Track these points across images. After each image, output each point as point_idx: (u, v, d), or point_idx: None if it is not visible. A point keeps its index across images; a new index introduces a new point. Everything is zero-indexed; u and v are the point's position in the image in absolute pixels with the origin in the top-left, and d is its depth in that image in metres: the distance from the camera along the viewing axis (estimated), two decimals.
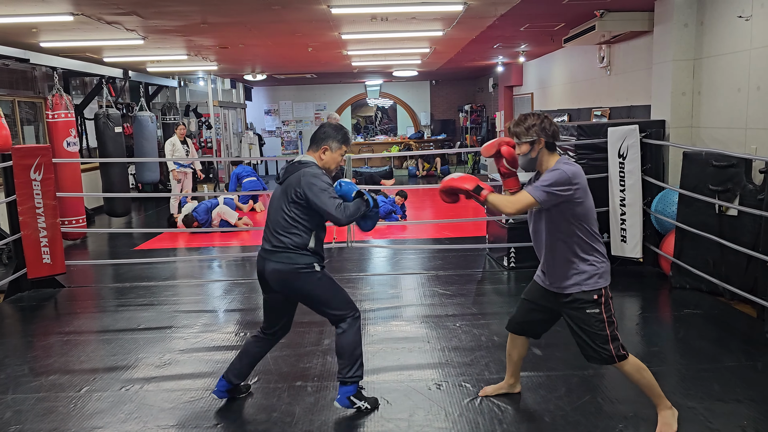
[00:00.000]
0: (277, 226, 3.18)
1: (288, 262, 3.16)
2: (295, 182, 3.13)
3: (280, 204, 3.17)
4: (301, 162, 3.22)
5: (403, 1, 5.74)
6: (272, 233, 3.20)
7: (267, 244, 3.23)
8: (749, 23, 5.07)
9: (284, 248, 3.16)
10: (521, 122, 2.97)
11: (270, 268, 3.20)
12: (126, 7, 5.67)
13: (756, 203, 4.58)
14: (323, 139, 3.25)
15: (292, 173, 3.17)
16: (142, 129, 10.64)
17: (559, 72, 10.47)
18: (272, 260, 3.19)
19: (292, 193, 3.12)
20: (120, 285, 6.14)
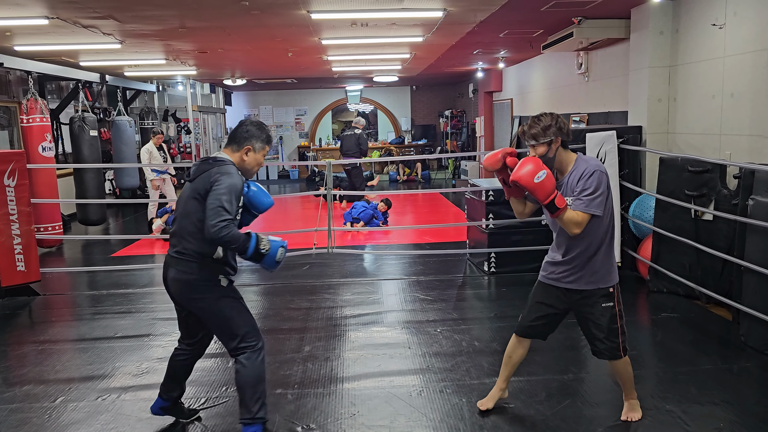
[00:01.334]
0: (183, 230, 2.85)
1: (188, 272, 2.84)
2: (207, 181, 2.80)
3: (189, 205, 2.84)
4: (217, 159, 2.89)
5: (383, 7, 5.75)
6: (179, 237, 2.87)
7: (172, 249, 2.90)
8: (723, 31, 5.16)
9: (188, 256, 2.84)
10: (537, 123, 2.95)
11: (171, 276, 2.90)
12: (102, 11, 5.61)
13: (730, 208, 4.66)
14: (246, 138, 2.93)
15: (205, 171, 2.84)
16: (120, 134, 10.52)
17: (538, 78, 10.57)
18: (174, 267, 2.88)
19: (202, 192, 2.79)
20: (97, 292, 6.04)
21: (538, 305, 3.16)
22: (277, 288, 6.00)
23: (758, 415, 3.25)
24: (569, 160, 2.98)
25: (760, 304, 4.05)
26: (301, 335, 4.61)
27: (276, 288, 6.00)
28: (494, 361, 4.02)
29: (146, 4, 5.41)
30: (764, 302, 4.02)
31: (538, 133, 2.92)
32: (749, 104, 4.88)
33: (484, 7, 5.94)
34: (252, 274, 6.68)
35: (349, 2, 5.49)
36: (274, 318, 5.09)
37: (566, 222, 2.89)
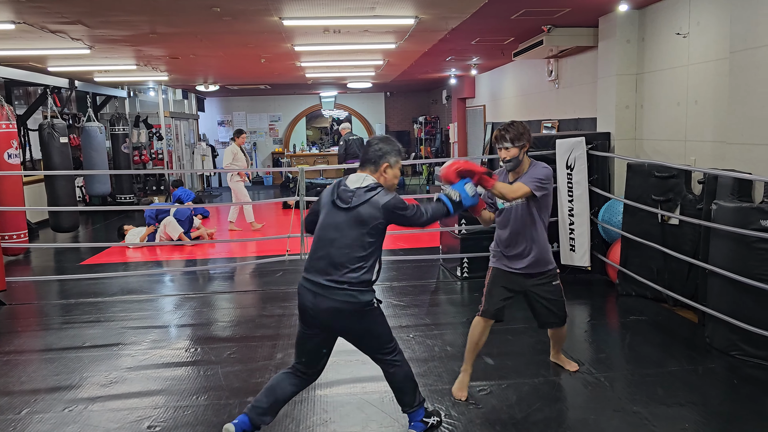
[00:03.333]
0: (343, 259, 2.81)
1: (352, 301, 2.83)
2: (373, 211, 2.80)
3: (350, 234, 2.81)
4: (370, 187, 2.85)
5: (356, 14, 5.77)
6: (334, 267, 2.81)
7: (322, 278, 2.83)
8: (687, 40, 5.30)
9: (348, 285, 2.81)
10: (514, 129, 3.39)
11: (326, 305, 2.83)
12: (71, 15, 5.53)
13: (695, 213, 4.76)
14: (381, 156, 2.92)
15: (366, 201, 2.81)
16: (91, 140, 10.38)
17: (509, 85, 10.70)
18: (330, 297, 2.82)
19: (369, 220, 2.80)
20: (65, 301, 5.93)
21: (502, 289, 3.54)
22: (250, 295, 5.96)
23: (722, 415, 3.32)
24: (527, 163, 3.50)
25: (724, 306, 4.15)
26: (273, 342, 4.59)
27: (248, 295, 5.96)
28: None
29: (116, 9, 5.35)
30: (728, 304, 4.12)
31: (515, 137, 3.37)
32: (712, 111, 5.01)
33: (456, 14, 6.00)
34: (224, 281, 6.63)
35: (322, 9, 5.50)
36: (246, 325, 5.05)
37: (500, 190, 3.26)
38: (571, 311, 5.29)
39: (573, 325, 5.09)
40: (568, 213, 5.95)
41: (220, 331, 5.00)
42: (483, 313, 3.56)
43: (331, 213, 2.88)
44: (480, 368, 4.02)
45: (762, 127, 4.19)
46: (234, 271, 7.00)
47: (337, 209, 2.87)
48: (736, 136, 4.45)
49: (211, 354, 4.43)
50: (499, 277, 3.57)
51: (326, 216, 2.91)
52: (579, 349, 4.44)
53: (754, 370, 3.88)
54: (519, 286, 3.55)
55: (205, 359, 4.34)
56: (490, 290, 3.57)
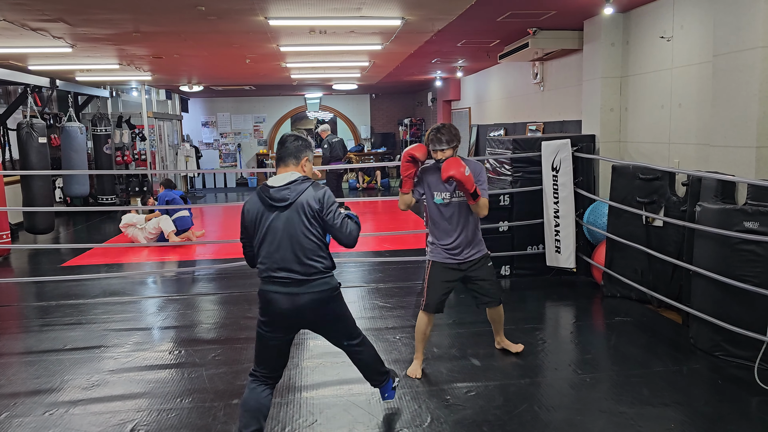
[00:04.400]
0: (304, 251, 2.87)
1: (326, 288, 2.93)
2: (310, 198, 2.87)
3: (299, 228, 2.86)
4: (299, 180, 2.91)
5: (342, 15, 5.75)
6: (298, 261, 2.86)
7: (293, 275, 2.87)
8: (670, 43, 5.34)
9: (318, 273, 2.91)
10: (447, 132, 3.68)
11: (307, 299, 2.88)
12: (52, 13, 5.45)
13: (679, 214, 4.80)
14: (300, 151, 2.98)
15: (300, 193, 2.87)
16: (71, 140, 10.24)
17: (495, 87, 10.74)
18: (307, 291, 2.88)
19: (309, 213, 2.87)
20: (45, 303, 5.84)
21: (443, 284, 3.83)
22: (234, 297, 5.90)
23: (707, 415, 3.35)
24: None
25: (708, 307, 4.18)
26: None
27: (233, 297, 5.91)
28: (453, 367, 4.04)
29: (98, 7, 5.28)
30: (712, 305, 4.16)
31: (450, 140, 3.67)
32: (696, 114, 5.06)
33: (442, 16, 6.01)
34: (208, 282, 6.57)
35: (308, 9, 5.47)
36: (231, 327, 5.00)
37: (481, 206, 3.68)
38: (556, 313, 5.37)
39: (558, 326, 5.11)
40: (553, 215, 5.97)
41: (205, 333, 4.94)
42: (426, 308, 3.84)
43: (270, 217, 2.88)
44: (467, 370, 4.02)
45: (745, 129, 4.24)
46: (219, 272, 6.94)
47: (276, 210, 2.87)
48: (720, 138, 4.49)
49: (195, 356, 4.37)
50: (438, 272, 3.82)
51: (265, 221, 2.88)
52: (565, 350, 4.45)
53: (738, 370, 3.91)
54: (457, 276, 3.84)
55: (190, 361, 4.28)
56: (431, 285, 3.83)
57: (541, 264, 6.19)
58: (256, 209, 2.91)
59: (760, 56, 4.09)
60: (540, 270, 6.22)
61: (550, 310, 5.44)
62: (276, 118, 17.92)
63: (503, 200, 6.21)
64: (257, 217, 2.90)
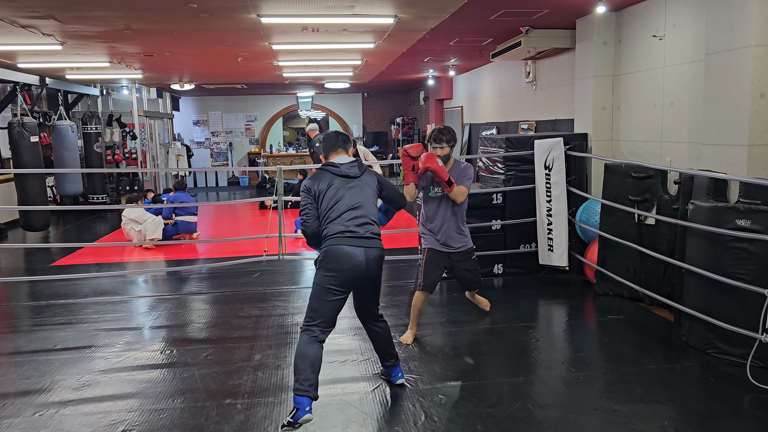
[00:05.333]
0: (371, 216, 3.41)
1: (383, 248, 3.44)
2: (370, 178, 3.50)
3: (367, 196, 3.43)
4: (358, 162, 3.50)
5: (334, 13, 5.73)
6: (369, 222, 3.38)
7: (365, 233, 3.34)
8: (662, 42, 5.36)
9: (378, 236, 3.43)
10: (447, 132, 4.33)
11: (374, 254, 3.36)
12: (42, 10, 5.40)
13: (671, 212, 4.82)
14: (347, 142, 3.60)
15: (364, 170, 3.50)
16: (62, 139, 10.15)
17: (487, 86, 10.75)
18: (375, 247, 3.36)
19: (375, 185, 3.50)
20: (35, 303, 5.78)
21: (438, 268, 4.45)
22: (227, 296, 5.87)
23: (700, 413, 3.35)
24: (452, 159, 4.40)
25: (700, 304, 4.19)
26: (251, 344, 4.52)
27: (225, 296, 5.88)
28: (447, 366, 4.04)
29: (89, 4, 5.23)
30: (704, 303, 4.17)
31: (449, 139, 4.30)
32: (688, 113, 5.07)
33: (435, 14, 6.00)
34: (200, 282, 6.53)
35: (300, 7, 5.45)
36: (223, 327, 4.97)
37: (456, 192, 4.24)
38: (549, 311, 5.38)
39: (551, 324, 5.12)
40: (546, 213, 5.98)
41: (197, 333, 4.91)
42: (423, 287, 4.45)
43: (343, 186, 3.40)
44: (461, 368, 4.01)
45: (737, 127, 4.25)
46: (210, 271, 6.90)
47: (348, 179, 3.42)
48: (712, 136, 4.51)
49: (187, 356, 4.34)
50: (434, 257, 4.42)
51: (339, 190, 3.39)
52: (558, 348, 4.46)
53: (730, 367, 3.92)
54: (448, 263, 4.45)
55: (181, 361, 4.25)
56: (428, 269, 4.42)
57: (533, 262, 6.19)
58: (328, 180, 3.41)
59: (752, 55, 4.11)
60: (533, 268, 6.23)
61: (543, 309, 5.44)
62: (268, 116, 17.87)
63: (496, 199, 6.21)
64: (328, 187, 3.39)
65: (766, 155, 4.19)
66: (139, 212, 8.64)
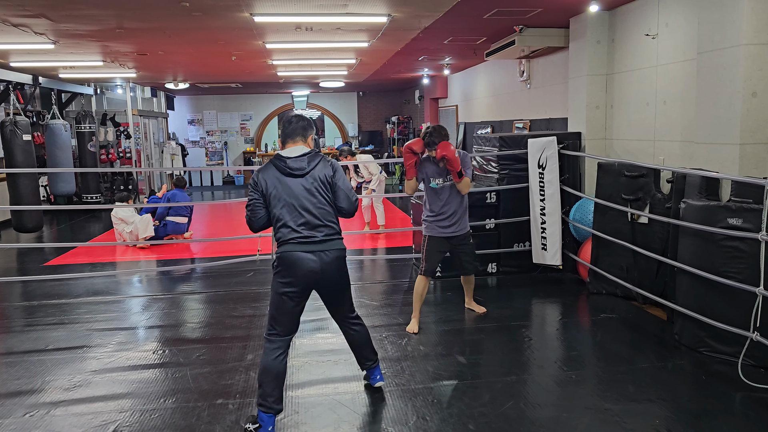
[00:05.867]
0: (323, 214, 3.19)
1: (342, 248, 3.25)
2: (324, 168, 3.21)
3: (318, 194, 3.18)
4: (312, 153, 3.24)
5: (328, 12, 5.72)
6: (322, 225, 3.18)
7: (318, 235, 3.16)
8: (655, 41, 5.36)
9: (336, 235, 3.24)
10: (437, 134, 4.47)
11: (331, 257, 3.20)
12: (33, 9, 5.37)
13: (664, 211, 4.82)
14: (306, 129, 3.30)
15: (316, 162, 3.20)
16: (55, 138, 10.11)
17: (482, 85, 10.75)
18: (331, 250, 3.20)
19: (324, 180, 3.19)
20: (27, 303, 5.76)
21: (438, 253, 4.68)
22: (220, 296, 5.86)
23: (692, 411, 3.36)
24: None
25: (692, 303, 4.20)
26: (244, 343, 4.51)
27: (218, 296, 5.86)
28: (439, 365, 4.03)
29: (80, 2, 5.21)
30: (696, 301, 4.18)
31: (443, 136, 4.48)
32: (680, 111, 5.08)
33: (428, 13, 5.99)
34: (194, 281, 6.51)
35: (294, 5, 5.43)
36: (216, 326, 4.96)
37: (464, 184, 4.52)
38: (542, 310, 5.39)
39: (544, 323, 5.12)
40: (540, 212, 5.98)
41: (189, 333, 4.90)
42: (425, 272, 4.68)
43: (290, 184, 3.16)
44: (453, 367, 4.01)
45: (729, 126, 4.26)
46: (204, 271, 6.89)
47: (294, 177, 3.16)
48: (704, 135, 4.52)
49: (179, 356, 4.33)
50: (435, 243, 4.64)
51: (285, 188, 3.16)
52: (550, 347, 4.46)
53: (722, 366, 3.93)
54: (447, 247, 4.69)
55: (174, 361, 4.24)
56: (429, 254, 4.64)
57: (527, 261, 6.20)
58: (273, 177, 3.18)
59: (743, 54, 4.11)
60: (526, 267, 6.23)
61: (536, 307, 5.45)
62: (263, 115, 17.84)
63: (490, 198, 6.21)
64: (275, 184, 3.16)
65: (757, 154, 4.20)
66: (127, 212, 8.60)
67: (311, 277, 3.17)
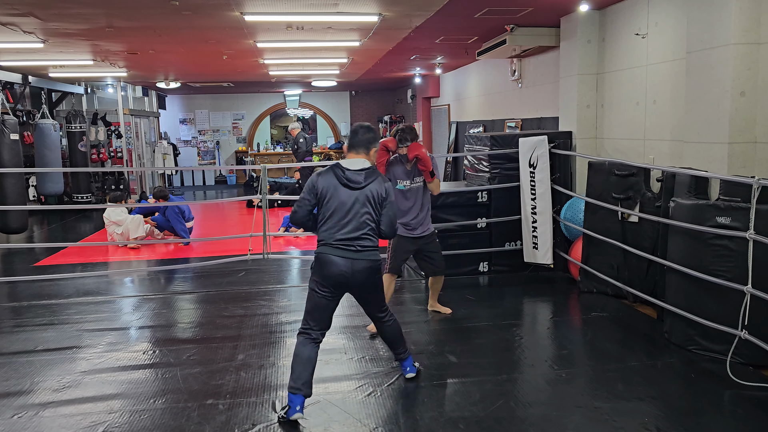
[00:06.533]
0: (364, 228, 3.38)
1: (375, 259, 3.44)
2: (378, 188, 3.41)
3: (365, 209, 3.37)
4: (371, 169, 3.44)
5: (318, 11, 5.71)
6: (359, 237, 3.37)
7: (353, 246, 3.36)
8: (645, 41, 5.38)
9: (372, 248, 3.43)
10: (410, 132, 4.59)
11: (361, 266, 3.38)
12: (22, 7, 5.33)
13: (654, 210, 4.84)
14: (371, 142, 3.51)
15: (372, 179, 3.39)
16: (44, 138, 10.03)
17: (474, 84, 10.75)
18: (363, 259, 3.38)
19: (377, 198, 3.40)
20: (17, 304, 5.72)
21: (405, 252, 4.74)
22: (211, 295, 5.84)
23: (681, 409, 3.38)
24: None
25: (682, 302, 4.22)
26: (234, 343, 4.50)
27: (210, 295, 5.84)
28: (430, 364, 4.04)
29: (69, 1, 5.17)
30: (685, 300, 4.20)
31: (414, 137, 4.60)
32: (670, 111, 5.10)
33: (419, 12, 5.99)
34: (185, 281, 6.49)
35: (284, 4, 5.42)
36: (207, 326, 4.94)
37: (435, 185, 4.66)
38: (533, 308, 5.40)
39: (535, 322, 5.13)
40: (531, 211, 5.99)
41: (180, 333, 4.88)
42: (390, 270, 4.73)
43: (343, 195, 3.36)
44: (444, 366, 4.02)
45: (718, 125, 4.28)
46: (195, 271, 6.86)
47: (349, 189, 3.37)
48: (693, 135, 4.54)
49: (170, 356, 4.31)
50: (402, 243, 4.66)
51: (338, 197, 3.36)
52: (541, 346, 4.47)
53: (711, 364, 3.95)
54: (414, 248, 4.74)
55: (164, 361, 4.22)
56: (395, 253, 4.70)
57: (518, 260, 6.21)
58: (331, 184, 3.38)
59: (732, 53, 4.14)
60: (518, 266, 6.25)
61: (528, 306, 5.46)
62: (255, 115, 17.79)
63: (481, 197, 6.22)
64: (329, 191, 3.37)
65: (745, 153, 4.22)
66: (119, 214, 8.56)
67: (341, 279, 3.36)
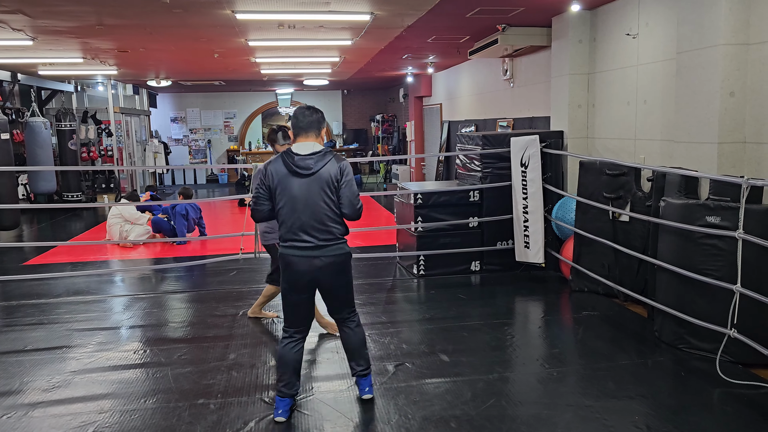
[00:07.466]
0: (323, 218, 3.16)
1: (341, 252, 3.22)
2: (332, 169, 3.16)
3: (320, 196, 3.14)
4: (323, 152, 3.18)
5: (310, 9, 5.70)
6: (319, 230, 3.16)
7: (312, 241, 3.16)
8: (636, 41, 5.41)
9: (335, 240, 3.21)
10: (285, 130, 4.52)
11: (324, 262, 3.19)
12: (10, 4, 5.29)
13: (645, 209, 4.87)
14: (320, 122, 3.27)
15: (325, 162, 3.15)
16: (35, 136, 9.98)
17: (466, 83, 10.77)
18: (325, 254, 3.18)
19: (333, 181, 3.15)
20: (6, 303, 5.68)
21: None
22: (202, 295, 5.82)
23: (671, 407, 3.40)
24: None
25: (672, 300, 4.25)
26: (226, 343, 4.49)
27: (201, 295, 5.82)
28: (422, 363, 4.04)
29: None
30: (675, 299, 4.22)
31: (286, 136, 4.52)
32: (660, 111, 5.13)
33: (411, 11, 5.99)
34: (176, 280, 6.46)
35: (275, 3, 5.41)
36: (198, 326, 4.93)
37: None
38: (525, 307, 5.41)
39: (527, 321, 5.15)
40: (522, 210, 6.01)
41: (171, 332, 4.86)
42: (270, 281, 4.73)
43: (294, 183, 3.13)
44: (435, 365, 4.02)
45: (707, 125, 4.31)
46: (186, 270, 6.84)
47: (299, 177, 3.13)
48: (683, 134, 4.56)
49: (161, 356, 4.29)
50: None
51: (289, 187, 3.14)
52: (533, 345, 4.48)
53: (700, 362, 3.98)
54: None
55: (155, 361, 4.20)
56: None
57: (510, 259, 6.23)
58: (280, 172, 3.16)
59: (721, 53, 4.16)
60: (509, 265, 6.26)
61: (519, 305, 5.48)
62: (247, 113, 17.74)
63: (473, 196, 6.23)
64: (280, 181, 3.15)
65: (735, 153, 4.25)
66: (133, 214, 8.51)
67: (304, 279, 3.22)
